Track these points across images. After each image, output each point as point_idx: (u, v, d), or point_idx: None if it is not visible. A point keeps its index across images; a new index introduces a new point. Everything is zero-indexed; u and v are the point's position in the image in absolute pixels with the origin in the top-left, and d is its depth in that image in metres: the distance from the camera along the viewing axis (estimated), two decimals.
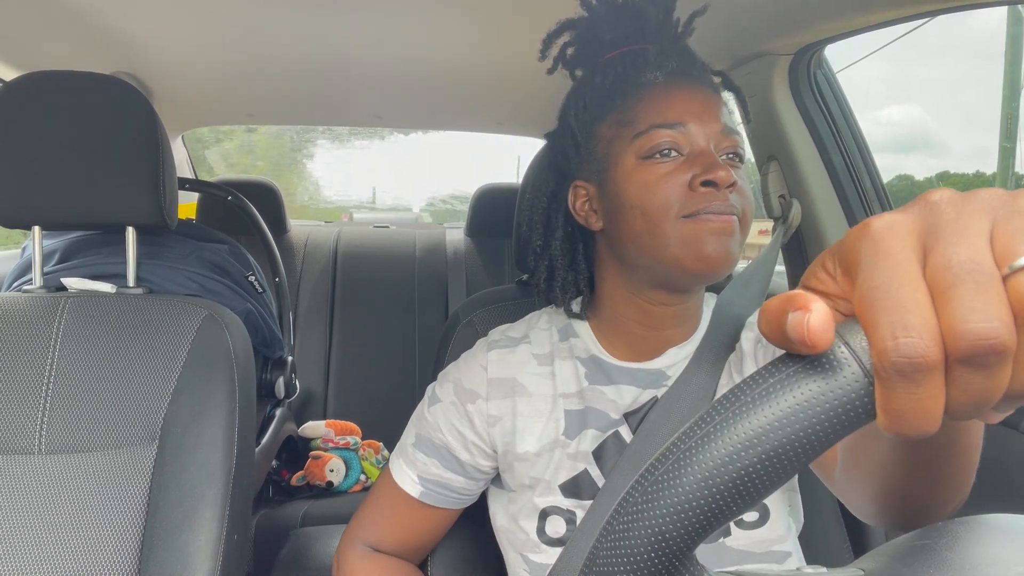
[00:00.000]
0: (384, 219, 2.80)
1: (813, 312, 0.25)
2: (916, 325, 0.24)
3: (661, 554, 0.27)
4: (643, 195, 0.67)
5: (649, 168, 0.67)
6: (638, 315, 0.73)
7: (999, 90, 2.01)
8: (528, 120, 2.02)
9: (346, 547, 0.81)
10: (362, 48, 1.33)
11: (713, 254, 0.65)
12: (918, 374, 0.24)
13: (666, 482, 0.27)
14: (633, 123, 0.68)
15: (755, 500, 0.27)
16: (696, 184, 0.65)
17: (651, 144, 0.67)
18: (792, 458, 0.26)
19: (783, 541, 0.70)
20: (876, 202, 1.17)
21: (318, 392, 2.11)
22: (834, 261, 0.27)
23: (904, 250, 0.25)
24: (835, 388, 0.25)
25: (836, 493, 0.57)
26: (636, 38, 0.72)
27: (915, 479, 0.43)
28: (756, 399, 0.26)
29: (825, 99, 1.18)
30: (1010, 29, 1.96)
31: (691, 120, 0.67)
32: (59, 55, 1.31)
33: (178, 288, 1.09)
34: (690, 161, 0.66)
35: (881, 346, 0.24)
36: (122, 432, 0.87)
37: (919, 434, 0.25)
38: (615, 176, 0.69)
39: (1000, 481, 0.86)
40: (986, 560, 0.31)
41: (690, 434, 0.28)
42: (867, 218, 0.27)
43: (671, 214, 0.65)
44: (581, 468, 0.72)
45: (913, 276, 0.24)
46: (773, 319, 0.26)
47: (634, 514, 0.28)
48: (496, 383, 0.76)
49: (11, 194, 0.92)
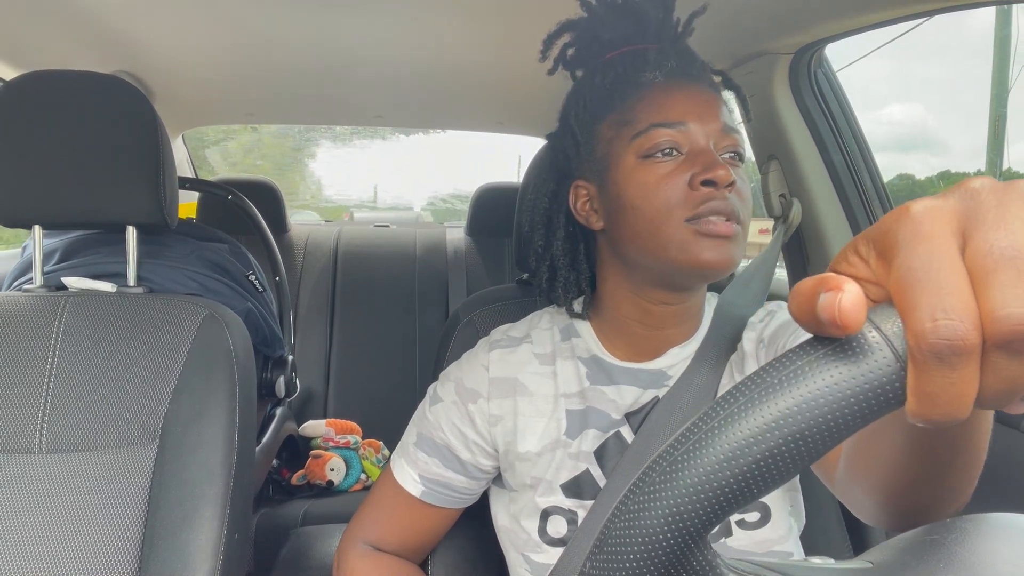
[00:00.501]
0: (384, 218, 2.81)
1: (845, 292, 0.25)
2: (956, 308, 0.23)
3: (676, 534, 0.27)
4: (644, 195, 0.67)
5: (649, 168, 0.67)
6: (639, 314, 0.73)
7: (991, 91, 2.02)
8: (528, 119, 2.02)
9: (347, 546, 0.81)
10: (362, 47, 1.33)
11: (713, 259, 0.65)
12: (955, 357, 0.23)
13: (686, 462, 0.27)
14: (633, 123, 0.68)
15: (777, 483, 0.26)
16: (696, 183, 0.65)
17: (651, 143, 0.67)
18: (817, 441, 0.25)
19: (784, 541, 0.70)
20: (876, 201, 1.17)
21: (318, 391, 2.11)
22: (868, 245, 0.27)
23: (944, 234, 0.25)
24: (865, 372, 0.25)
25: (837, 493, 0.56)
26: (636, 38, 0.72)
27: (921, 478, 0.42)
28: (783, 380, 0.26)
29: (825, 98, 1.18)
30: (998, 32, 1.96)
31: (691, 119, 0.67)
32: (59, 55, 1.31)
33: (178, 287, 1.09)
34: (690, 160, 0.66)
35: (919, 328, 0.24)
36: (123, 431, 0.87)
37: (948, 420, 0.25)
38: (615, 176, 0.69)
39: (1001, 481, 0.86)
40: (997, 557, 0.30)
41: (712, 415, 0.27)
42: (904, 204, 0.26)
43: (673, 216, 0.65)
44: (583, 468, 0.72)
45: (953, 259, 0.24)
46: (804, 301, 0.26)
47: (650, 493, 0.27)
48: (497, 382, 0.76)
49: (11, 194, 0.92)
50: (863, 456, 0.47)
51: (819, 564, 0.32)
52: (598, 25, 0.74)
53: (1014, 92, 1.95)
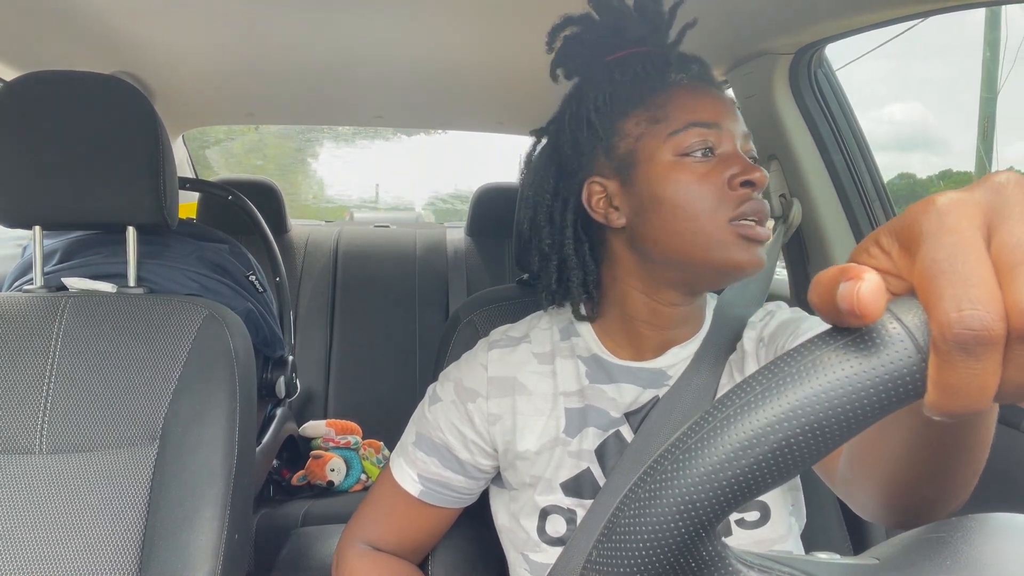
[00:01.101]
0: (384, 219, 2.80)
1: (864, 281, 0.25)
2: (981, 298, 0.24)
3: (688, 523, 0.26)
4: (684, 193, 0.67)
5: (688, 166, 0.67)
6: (647, 314, 0.73)
7: (994, 90, 2.01)
8: (528, 119, 2.00)
9: (345, 546, 0.81)
10: (362, 48, 1.33)
11: (748, 261, 0.66)
12: (980, 348, 0.24)
13: (700, 449, 0.26)
14: (666, 120, 0.68)
15: (791, 474, 0.26)
16: (735, 183, 0.66)
17: (689, 142, 0.67)
18: (835, 431, 0.25)
19: (784, 540, 0.70)
20: (876, 201, 1.17)
21: (319, 392, 2.11)
22: (890, 237, 0.27)
23: (970, 226, 0.25)
24: (885, 363, 0.25)
25: (838, 490, 0.56)
26: (650, 40, 0.74)
27: (925, 474, 0.42)
28: (802, 369, 0.26)
29: (826, 98, 1.18)
30: (987, 35, 1.96)
31: (724, 121, 0.68)
32: (59, 55, 1.31)
33: (179, 288, 1.09)
34: (724, 161, 0.67)
35: (944, 318, 0.24)
36: (123, 432, 0.87)
37: (968, 412, 0.25)
38: (648, 173, 0.69)
39: (1001, 481, 0.86)
40: (1003, 556, 0.30)
41: (728, 403, 0.27)
42: (928, 196, 0.26)
43: (718, 215, 0.66)
44: (584, 467, 0.72)
45: (980, 251, 0.24)
46: (825, 291, 0.26)
47: (662, 481, 0.27)
48: (496, 381, 0.76)
49: (11, 194, 0.92)
50: (867, 452, 0.47)
51: (824, 559, 0.32)
52: (599, 25, 0.74)
53: (1004, 93, 1.96)
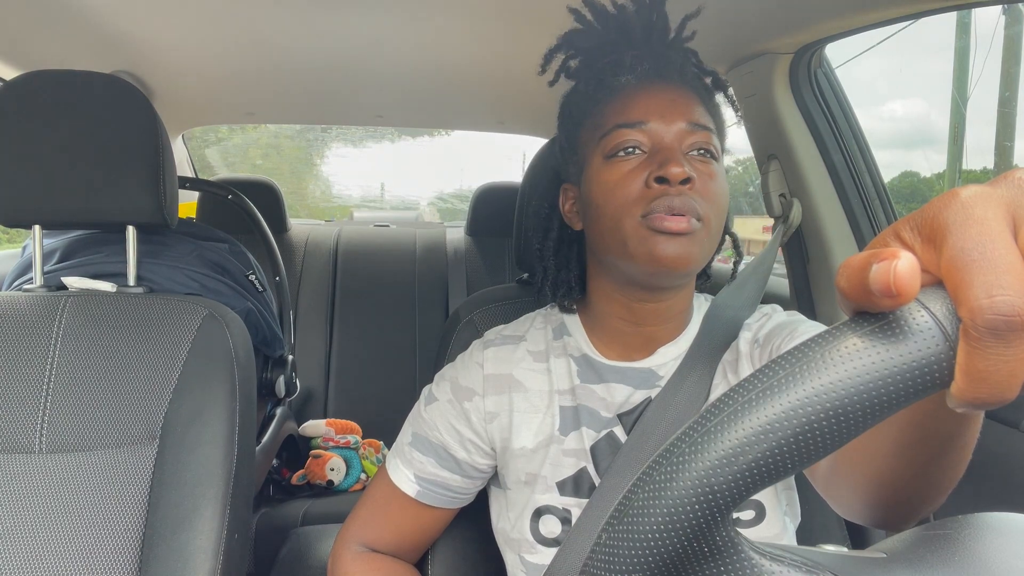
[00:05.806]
0: (385, 218, 2.81)
1: (901, 259, 0.25)
2: (1013, 285, 0.24)
3: (705, 506, 0.26)
4: (605, 194, 0.68)
5: (612, 167, 0.68)
6: (622, 311, 0.74)
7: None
8: (528, 119, 2.02)
9: (341, 547, 0.81)
10: (363, 47, 1.33)
11: (664, 254, 0.64)
12: (1011, 333, 0.24)
13: (719, 432, 0.26)
14: (601, 125, 0.70)
15: (812, 459, 0.26)
16: (651, 181, 0.66)
17: (613, 143, 0.68)
18: (858, 418, 0.25)
19: (778, 540, 0.70)
20: (876, 201, 1.17)
21: (318, 391, 2.11)
22: (913, 230, 0.27)
23: (996, 217, 0.25)
24: (913, 351, 0.25)
25: (818, 486, 0.56)
26: (622, 45, 0.74)
27: (910, 473, 0.42)
28: (827, 355, 0.26)
29: (826, 98, 1.18)
30: (957, 43, 1.96)
31: (652, 118, 0.68)
32: (59, 55, 1.31)
33: (178, 287, 1.09)
34: (651, 158, 0.67)
35: (975, 304, 0.24)
36: (123, 431, 0.87)
37: (996, 401, 0.25)
38: (587, 176, 0.72)
39: (1000, 480, 0.86)
40: (1011, 553, 0.30)
41: (749, 386, 0.27)
42: (952, 189, 0.27)
43: (631, 213, 0.66)
44: (581, 466, 0.73)
45: (1008, 241, 0.25)
46: (855, 274, 0.26)
47: (679, 463, 0.26)
48: (492, 379, 0.77)
49: (11, 194, 0.92)
50: (855, 449, 0.47)
51: (832, 551, 0.31)
52: (590, 35, 0.76)
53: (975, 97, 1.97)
